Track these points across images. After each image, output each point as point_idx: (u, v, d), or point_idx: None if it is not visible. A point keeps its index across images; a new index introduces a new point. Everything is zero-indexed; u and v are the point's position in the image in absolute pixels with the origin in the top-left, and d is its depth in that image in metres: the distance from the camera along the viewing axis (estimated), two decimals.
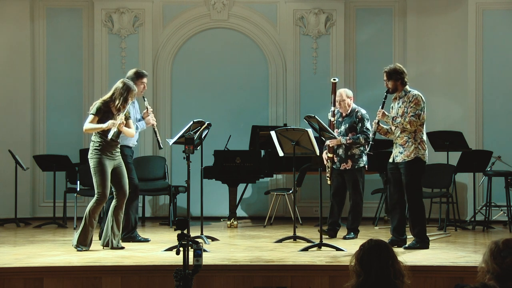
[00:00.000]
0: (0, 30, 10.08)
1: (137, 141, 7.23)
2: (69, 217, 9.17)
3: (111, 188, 6.42)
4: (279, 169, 9.09)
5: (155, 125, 7.18)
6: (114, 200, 6.49)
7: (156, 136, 7.15)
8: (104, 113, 6.34)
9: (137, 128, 7.04)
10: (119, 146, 6.52)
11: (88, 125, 6.34)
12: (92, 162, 6.35)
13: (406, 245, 6.40)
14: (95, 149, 6.35)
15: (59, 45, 10.22)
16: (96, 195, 6.32)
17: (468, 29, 9.68)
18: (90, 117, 6.34)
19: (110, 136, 6.28)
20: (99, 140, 6.34)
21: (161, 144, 7.17)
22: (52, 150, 9.78)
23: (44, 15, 10.21)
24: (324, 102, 7.35)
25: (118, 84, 6.44)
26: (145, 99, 7.25)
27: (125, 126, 6.42)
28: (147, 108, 7.16)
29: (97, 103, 6.40)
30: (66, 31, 10.25)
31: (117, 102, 6.35)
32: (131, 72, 7.19)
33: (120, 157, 6.53)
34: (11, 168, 9.33)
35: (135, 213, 7.14)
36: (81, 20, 10.25)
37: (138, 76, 7.12)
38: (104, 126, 6.29)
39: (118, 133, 6.40)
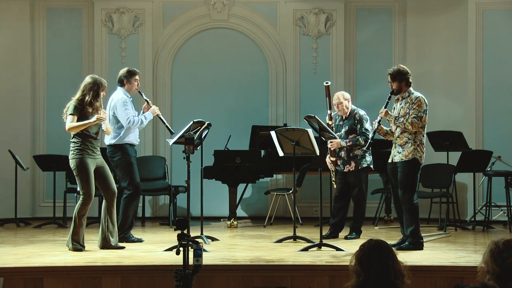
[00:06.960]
0: (0, 30, 10.08)
1: (139, 137, 7.27)
2: (69, 217, 9.01)
3: (109, 186, 6.40)
4: (279, 169, 9.09)
5: (159, 114, 7.21)
6: (104, 201, 6.46)
7: (165, 124, 7.24)
8: (81, 111, 6.27)
9: (142, 122, 7.07)
10: (98, 145, 6.44)
11: (71, 124, 6.23)
12: (74, 163, 6.27)
13: (402, 245, 6.32)
14: (76, 148, 6.27)
15: (59, 45, 10.21)
16: (81, 196, 6.26)
17: (468, 29, 9.67)
18: (70, 117, 6.25)
19: (104, 127, 6.26)
20: (79, 140, 6.27)
21: (171, 129, 7.23)
22: (52, 150, 9.77)
23: (44, 15, 10.21)
24: (324, 102, 7.34)
25: (87, 79, 6.39)
26: (142, 93, 7.31)
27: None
28: (146, 101, 7.21)
29: (72, 103, 6.30)
30: (66, 31, 10.24)
31: (87, 98, 6.26)
32: (123, 70, 7.29)
33: (101, 156, 6.46)
34: (11, 168, 9.33)
35: (134, 214, 7.14)
36: (81, 20, 10.25)
37: (131, 74, 7.22)
38: (92, 120, 6.23)
39: (98, 130, 6.38)
